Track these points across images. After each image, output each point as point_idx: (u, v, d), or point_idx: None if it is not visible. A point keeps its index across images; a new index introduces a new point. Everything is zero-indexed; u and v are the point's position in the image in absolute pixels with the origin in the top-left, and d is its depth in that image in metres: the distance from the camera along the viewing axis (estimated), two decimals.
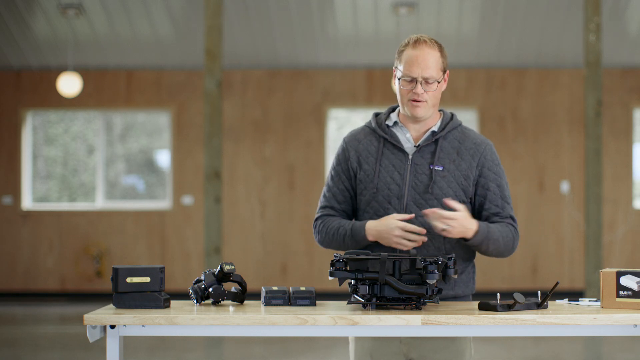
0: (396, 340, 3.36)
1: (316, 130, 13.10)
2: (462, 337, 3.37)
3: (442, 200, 3.34)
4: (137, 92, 13.22)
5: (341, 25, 12.25)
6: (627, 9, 11.90)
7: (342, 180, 3.47)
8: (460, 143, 3.43)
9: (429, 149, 3.41)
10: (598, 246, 10.45)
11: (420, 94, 3.36)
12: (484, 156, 3.43)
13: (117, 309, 3.12)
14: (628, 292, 3.11)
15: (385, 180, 3.39)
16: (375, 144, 3.45)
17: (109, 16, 12.09)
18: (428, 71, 3.35)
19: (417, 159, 3.40)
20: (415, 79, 3.35)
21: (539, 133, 13.00)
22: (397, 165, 3.40)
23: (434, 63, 3.36)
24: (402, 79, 3.37)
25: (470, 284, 3.47)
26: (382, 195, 3.38)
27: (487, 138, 3.48)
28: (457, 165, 3.39)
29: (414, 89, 3.35)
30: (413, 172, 3.38)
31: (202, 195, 12.35)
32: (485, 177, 3.41)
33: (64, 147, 13.58)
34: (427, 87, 3.37)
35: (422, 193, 3.35)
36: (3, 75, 13.24)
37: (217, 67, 10.20)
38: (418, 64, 3.35)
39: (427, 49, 3.37)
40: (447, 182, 3.37)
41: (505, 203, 3.43)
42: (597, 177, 10.44)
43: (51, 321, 11.21)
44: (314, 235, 3.54)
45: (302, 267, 12.95)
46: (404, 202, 3.36)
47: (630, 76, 13.06)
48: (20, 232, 13.16)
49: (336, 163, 3.51)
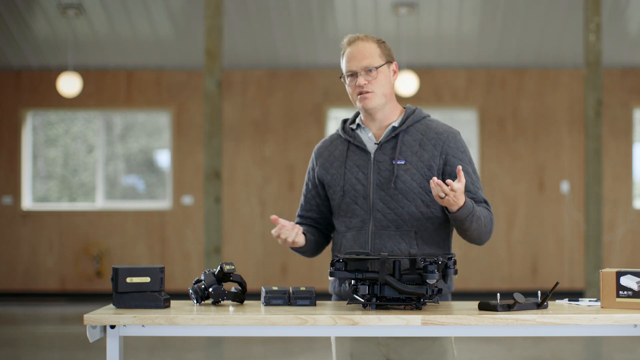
0: (375, 340, 3.37)
1: (316, 130, 13.10)
2: (443, 338, 3.34)
3: (406, 194, 3.34)
4: (137, 92, 13.22)
5: (341, 25, 12.25)
6: (627, 9, 11.90)
7: (309, 190, 3.57)
8: (422, 135, 3.42)
9: (389, 144, 3.43)
10: (598, 246, 10.45)
11: (364, 85, 3.39)
12: (447, 144, 3.40)
13: (117, 309, 3.12)
14: (628, 292, 3.11)
15: (351, 181, 3.42)
16: (341, 147, 3.50)
17: (109, 16, 12.09)
18: (365, 61, 3.39)
19: (378, 155, 3.42)
20: (355, 72, 3.40)
21: (539, 133, 13.00)
22: (360, 165, 3.42)
23: (370, 53, 3.41)
24: (346, 77, 3.43)
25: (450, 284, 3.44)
26: (349, 196, 3.42)
27: (453, 127, 3.46)
28: (419, 156, 3.38)
29: (357, 82, 3.40)
30: (376, 170, 3.40)
31: (202, 195, 12.35)
32: (451, 165, 3.39)
33: (64, 147, 13.58)
34: (369, 76, 3.40)
35: (386, 189, 3.37)
36: (3, 75, 13.24)
37: (217, 67, 10.20)
38: (354, 57, 3.41)
39: (361, 43, 3.42)
40: (410, 175, 3.36)
41: (477, 189, 3.41)
42: (597, 177, 10.44)
43: (51, 321, 11.21)
44: None
45: (302, 267, 12.95)
46: (370, 201, 3.38)
47: (630, 76, 13.06)
48: (20, 232, 13.16)
49: (307, 173, 3.61)
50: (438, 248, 3.42)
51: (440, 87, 12.98)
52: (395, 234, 3.36)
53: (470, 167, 3.42)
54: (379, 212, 3.37)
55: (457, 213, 3.25)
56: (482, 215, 3.34)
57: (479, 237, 3.37)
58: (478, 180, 3.44)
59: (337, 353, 3.47)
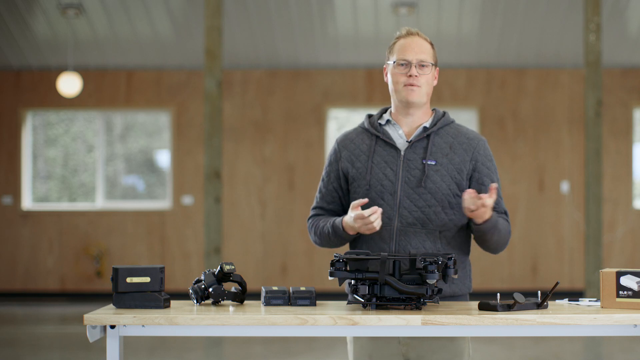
0: (395, 340, 3.37)
1: (316, 130, 13.10)
2: (460, 337, 3.37)
3: (435, 194, 3.35)
4: (137, 92, 13.22)
5: (341, 25, 12.25)
6: (627, 9, 11.90)
7: (332, 181, 3.51)
8: (453, 138, 3.44)
9: (421, 144, 3.43)
10: (598, 246, 10.45)
11: (416, 77, 3.39)
12: (477, 151, 3.44)
13: (117, 309, 3.12)
14: (628, 292, 3.11)
15: (378, 176, 3.40)
16: (368, 142, 3.47)
17: (109, 16, 12.09)
18: (422, 55, 3.41)
19: (409, 154, 3.41)
20: (409, 62, 3.40)
21: (539, 133, 13.00)
22: (389, 162, 3.41)
23: (426, 49, 3.43)
24: (397, 64, 3.41)
25: (467, 281, 3.49)
26: (375, 191, 3.39)
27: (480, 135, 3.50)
28: (450, 159, 3.40)
29: (409, 71, 3.39)
30: (406, 168, 3.39)
31: (202, 195, 12.35)
32: (479, 172, 3.43)
33: (64, 147, 13.58)
34: (422, 71, 3.41)
35: (415, 187, 3.37)
36: (3, 75, 13.24)
37: (217, 67, 10.20)
38: (412, 49, 3.41)
39: (417, 38, 3.45)
40: (440, 176, 3.38)
41: (500, 198, 3.46)
42: (597, 177, 10.44)
43: (51, 321, 11.21)
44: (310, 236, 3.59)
45: (302, 267, 12.95)
46: (397, 198, 3.37)
47: (630, 76, 13.06)
48: (20, 232, 13.16)
49: (327, 164, 3.55)
50: (459, 250, 3.45)
51: (440, 87, 12.99)
52: (420, 231, 3.37)
53: (495, 177, 3.47)
54: (406, 209, 3.37)
55: (482, 226, 3.32)
56: (502, 227, 3.40)
57: (496, 248, 3.46)
58: (500, 190, 3.48)
59: (354, 353, 3.44)
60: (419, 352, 3.36)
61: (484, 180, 3.43)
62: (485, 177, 3.43)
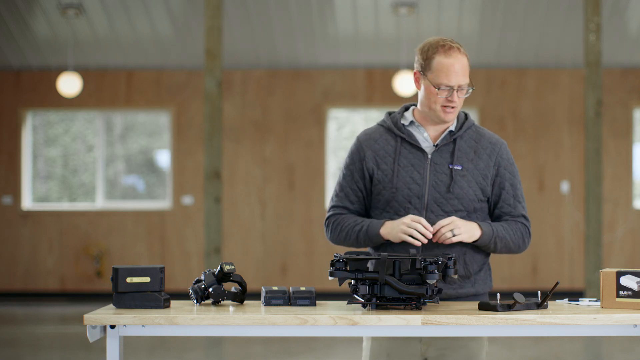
0: (416, 339, 3.37)
1: (316, 130, 13.10)
2: (479, 337, 3.40)
3: (462, 199, 3.37)
4: (137, 92, 13.22)
5: (341, 25, 12.25)
6: (627, 9, 11.90)
7: (356, 181, 3.47)
8: (476, 142, 3.46)
9: (447, 148, 3.43)
10: (598, 246, 10.45)
11: (456, 101, 3.39)
12: (500, 155, 3.46)
13: (117, 309, 3.12)
14: (628, 292, 3.11)
15: (405, 179, 3.39)
16: (392, 143, 3.45)
17: (109, 16, 12.09)
18: (464, 79, 3.40)
19: (436, 158, 3.42)
20: (452, 88, 3.37)
21: (539, 133, 13.00)
22: (416, 165, 3.41)
23: (466, 69, 3.42)
24: (440, 88, 3.37)
25: (488, 281, 3.52)
26: (402, 194, 3.38)
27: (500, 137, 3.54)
28: (475, 164, 3.42)
29: (450, 96, 3.38)
30: (433, 172, 3.40)
31: (202, 195, 12.35)
32: (501, 177, 3.45)
33: (64, 147, 13.58)
34: (461, 94, 3.41)
35: (443, 192, 3.38)
36: (3, 75, 13.24)
37: (217, 67, 10.20)
38: (455, 73, 3.38)
39: (459, 56, 3.41)
40: (466, 182, 3.39)
41: (517, 202, 3.47)
42: (597, 177, 10.44)
43: (51, 321, 11.21)
44: (326, 233, 3.54)
45: (302, 267, 12.95)
46: (424, 201, 3.38)
47: (630, 76, 13.06)
48: (20, 232, 13.16)
49: (350, 162, 3.49)
50: (482, 252, 3.47)
51: None
52: None
53: (516, 180, 3.48)
54: (433, 213, 3.37)
55: (479, 241, 3.37)
56: (509, 234, 3.42)
57: (509, 252, 3.49)
58: (521, 194, 3.49)
59: (371, 351, 3.43)
60: (439, 351, 3.37)
61: (504, 184, 3.45)
62: (506, 182, 3.45)
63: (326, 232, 3.53)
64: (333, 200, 3.52)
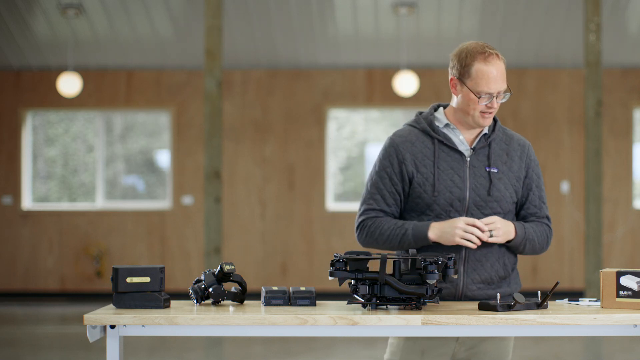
0: (453, 339, 3.38)
1: (316, 130, 13.10)
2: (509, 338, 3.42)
3: (500, 202, 3.40)
4: (137, 92, 13.22)
5: (341, 25, 12.25)
6: (627, 9, 11.90)
7: (394, 184, 3.43)
8: (507, 145, 3.50)
9: (482, 151, 3.45)
10: (598, 246, 10.44)
11: (495, 107, 3.41)
12: (529, 157, 3.51)
13: (117, 309, 3.12)
14: (628, 292, 3.11)
15: (446, 183, 3.39)
16: (429, 145, 3.43)
17: (109, 16, 12.09)
18: (504, 85, 3.39)
19: (474, 161, 3.43)
20: (492, 95, 3.37)
21: (539, 133, 13.00)
22: (455, 168, 3.41)
23: (505, 75, 3.40)
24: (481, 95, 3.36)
25: (518, 280, 3.57)
26: (444, 198, 3.38)
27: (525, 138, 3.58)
28: (509, 166, 3.45)
29: (490, 102, 3.38)
30: (472, 174, 3.41)
31: (202, 195, 12.35)
32: (529, 178, 3.49)
33: (64, 147, 13.58)
34: (499, 99, 3.42)
35: (483, 196, 3.40)
36: (3, 75, 13.24)
37: (217, 67, 10.20)
38: (495, 81, 3.36)
39: (498, 63, 3.38)
40: (503, 184, 3.43)
41: (542, 203, 3.51)
42: (597, 177, 10.44)
43: (51, 321, 11.21)
44: (358, 235, 3.48)
45: (302, 267, 12.95)
46: (465, 204, 3.39)
47: (630, 76, 13.06)
48: (20, 232, 13.16)
49: (387, 164, 3.44)
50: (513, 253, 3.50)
51: (440, 87, 12.98)
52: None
53: (541, 181, 3.52)
54: (473, 216, 3.39)
55: (513, 241, 3.41)
56: (537, 236, 3.47)
57: (533, 253, 3.53)
58: (545, 196, 3.53)
59: (404, 348, 3.38)
60: (471, 351, 3.38)
61: (532, 186, 3.49)
62: (533, 183, 3.49)
63: (359, 234, 3.47)
64: (368, 203, 3.46)
